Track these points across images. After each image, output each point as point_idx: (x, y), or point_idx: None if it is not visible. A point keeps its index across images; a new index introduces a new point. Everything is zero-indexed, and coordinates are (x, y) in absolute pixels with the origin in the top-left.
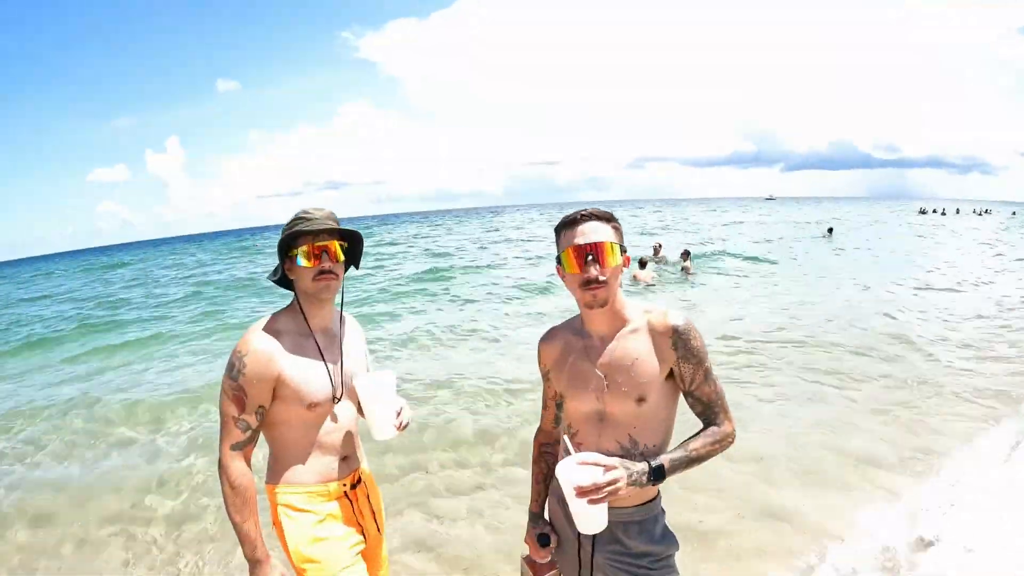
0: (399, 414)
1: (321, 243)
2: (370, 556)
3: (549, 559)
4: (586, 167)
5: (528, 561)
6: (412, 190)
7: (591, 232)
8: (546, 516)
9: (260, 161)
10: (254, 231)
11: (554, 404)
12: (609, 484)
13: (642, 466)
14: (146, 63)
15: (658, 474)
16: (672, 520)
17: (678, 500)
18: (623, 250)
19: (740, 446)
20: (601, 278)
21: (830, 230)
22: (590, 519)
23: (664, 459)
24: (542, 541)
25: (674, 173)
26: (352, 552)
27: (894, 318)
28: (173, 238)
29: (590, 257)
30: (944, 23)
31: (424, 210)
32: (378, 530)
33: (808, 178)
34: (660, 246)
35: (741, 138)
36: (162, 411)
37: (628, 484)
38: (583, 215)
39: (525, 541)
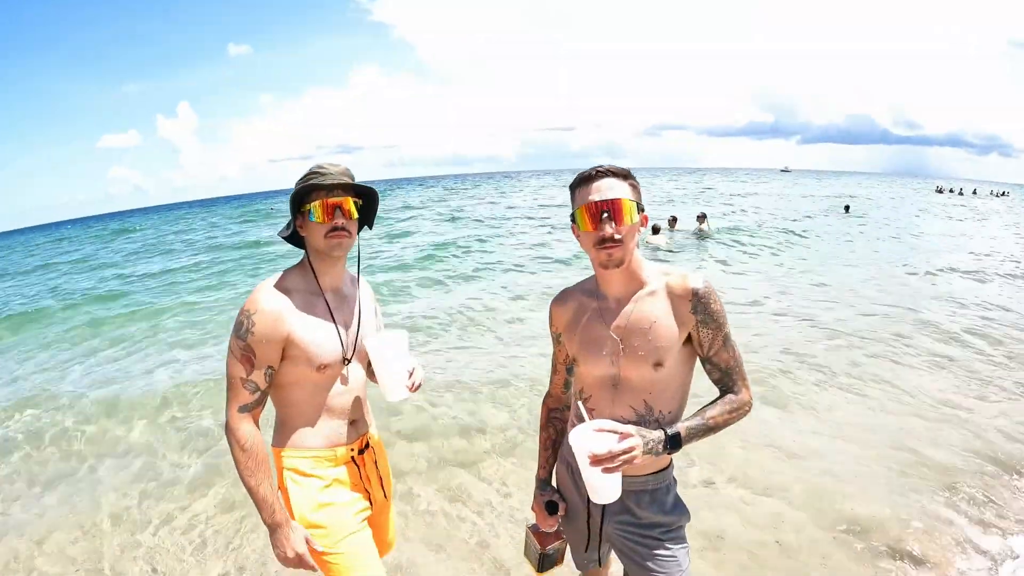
0: (411, 375)
1: (335, 199)
2: (376, 523)
3: (556, 528)
4: (601, 133)
5: (534, 530)
6: (425, 154)
7: (607, 189)
8: (553, 483)
9: (271, 125)
10: (266, 195)
11: (564, 368)
12: (624, 452)
13: (658, 434)
14: (156, 27)
15: (674, 442)
16: (742, 536)
17: (740, 512)
18: (641, 209)
19: (802, 443)
20: (617, 236)
21: (847, 208)
22: (604, 489)
23: (681, 427)
24: (549, 508)
25: (690, 142)
26: (358, 519)
27: (951, 312)
28: (185, 203)
29: (605, 215)
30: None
31: (437, 174)
32: (385, 496)
33: (825, 151)
34: (675, 219)
35: (758, 109)
36: (174, 394)
37: (644, 452)
38: (599, 171)
39: (532, 509)
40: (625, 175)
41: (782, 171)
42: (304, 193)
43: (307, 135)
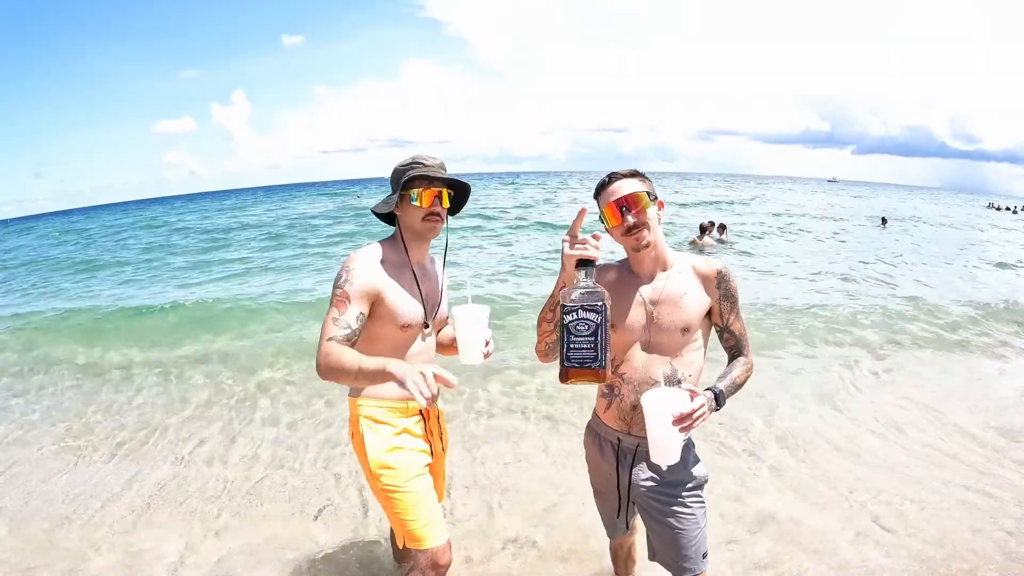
0: (487, 344)
1: (436, 188)
2: (434, 471)
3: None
4: (653, 136)
5: (578, 300)
6: (476, 151)
7: (620, 189)
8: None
9: (324, 116)
10: (321, 184)
11: None
12: (699, 408)
13: (709, 394)
14: (212, 16)
15: (720, 400)
16: None
17: None
18: (654, 197)
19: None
20: (638, 222)
21: (883, 220)
22: (674, 448)
23: (721, 386)
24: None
25: (742, 147)
26: (422, 463)
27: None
28: (238, 189)
29: (624, 208)
30: None
31: (488, 171)
32: (443, 449)
33: (879, 163)
34: (713, 224)
35: (816, 117)
36: None
37: (707, 410)
38: (612, 176)
39: (563, 278)
40: (633, 174)
41: (829, 181)
42: (410, 180)
43: (359, 127)
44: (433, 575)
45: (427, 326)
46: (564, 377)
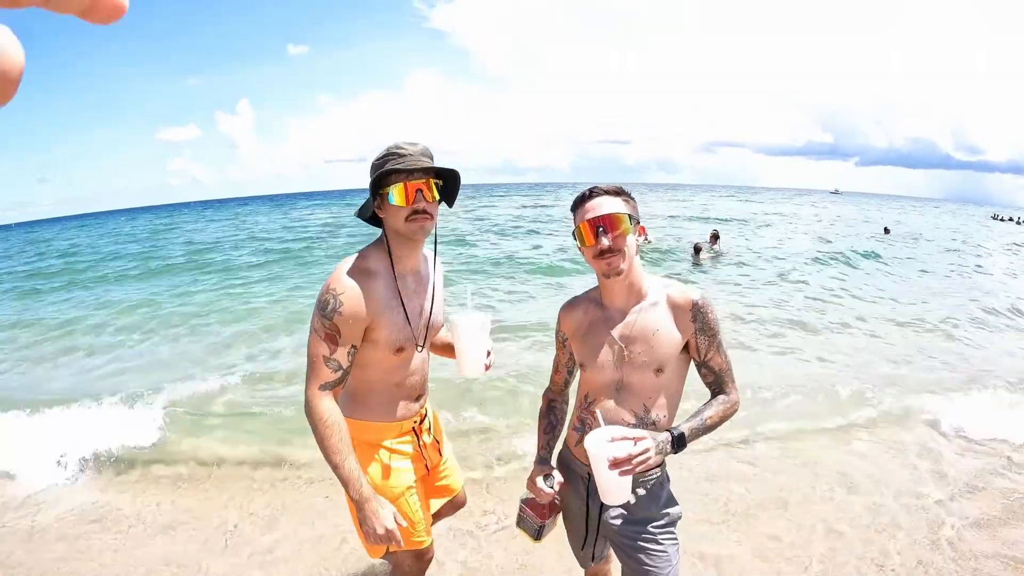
0: (488, 354)
1: (416, 182)
2: (432, 480)
3: (552, 499)
4: (656, 148)
5: (530, 503)
6: (480, 162)
7: (599, 207)
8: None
9: (328, 125)
10: (324, 194)
11: (566, 370)
12: (641, 454)
13: (665, 436)
14: (217, 24)
15: (679, 443)
16: None
17: None
18: (636, 221)
19: None
20: (613, 247)
21: (886, 230)
22: (617, 490)
23: (684, 428)
24: (547, 480)
25: (745, 159)
26: (413, 479)
27: None
28: (243, 198)
29: (601, 229)
30: None
31: (492, 182)
32: (440, 454)
33: (883, 174)
34: (715, 236)
35: (819, 129)
36: None
37: (655, 454)
38: (592, 192)
39: (528, 483)
40: (617, 192)
41: (832, 193)
42: (384, 175)
43: (362, 137)
44: (418, 569)
45: (420, 346)
46: (517, 523)
